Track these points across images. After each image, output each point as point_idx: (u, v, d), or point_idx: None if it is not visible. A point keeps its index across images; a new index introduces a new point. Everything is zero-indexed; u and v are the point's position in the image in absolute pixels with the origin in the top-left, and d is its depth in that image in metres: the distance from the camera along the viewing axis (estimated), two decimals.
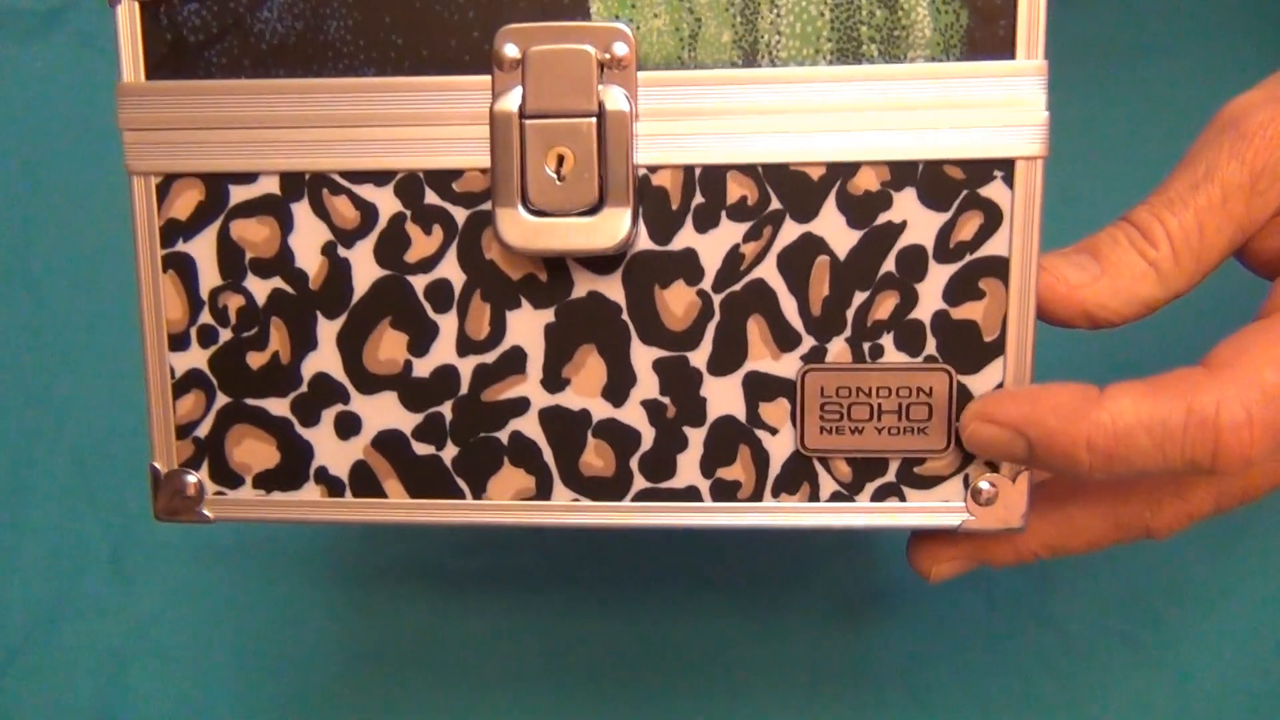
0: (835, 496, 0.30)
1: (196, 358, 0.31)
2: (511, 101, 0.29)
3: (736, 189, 0.29)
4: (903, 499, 0.30)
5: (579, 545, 0.48)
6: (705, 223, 0.29)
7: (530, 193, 0.29)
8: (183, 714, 0.49)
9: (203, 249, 0.31)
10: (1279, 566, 0.47)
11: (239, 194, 0.30)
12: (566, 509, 0.31)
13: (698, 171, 0.29)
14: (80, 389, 0.54)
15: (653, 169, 0.29)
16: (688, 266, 0.30)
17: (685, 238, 0.29)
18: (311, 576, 0.50)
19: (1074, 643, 0.47)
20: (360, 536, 0.50)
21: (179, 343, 0.31)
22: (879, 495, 0.30)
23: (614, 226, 0.29)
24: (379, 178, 0.30)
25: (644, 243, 0.30)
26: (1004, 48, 0.28)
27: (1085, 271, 0.29)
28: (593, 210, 0.29)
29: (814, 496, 0.30)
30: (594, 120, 0.28)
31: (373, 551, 0.50)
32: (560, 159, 0.29)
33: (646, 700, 0.47)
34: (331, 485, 0.31)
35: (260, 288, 0.31)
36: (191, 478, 0.32)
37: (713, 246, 0.29)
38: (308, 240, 0.30)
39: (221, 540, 0.50)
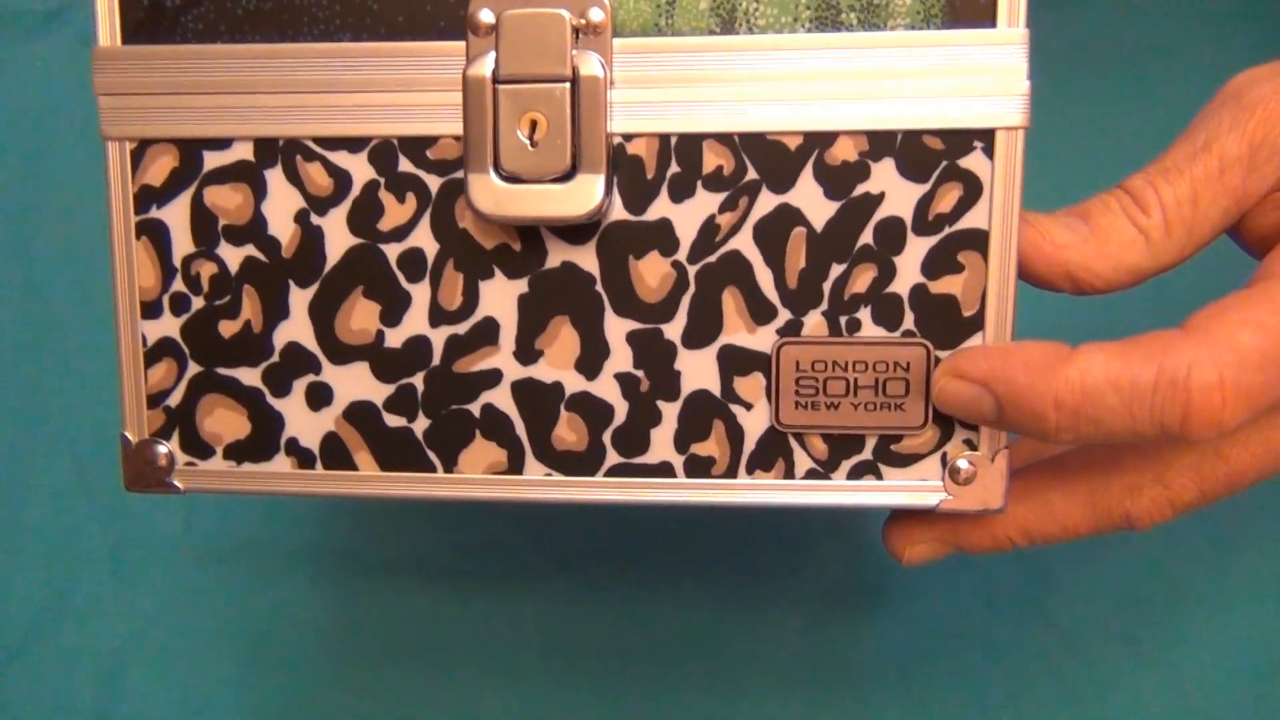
0: (811, 474, 0.30)
1: (169, 326, 0.31)
2: (485, 66, 0.28)
3: (713, 158, 0.29)
4: (879, 477, 0.30)
5: (576, 539, 0.48)
6: (681, 192, 0.29)
7: (503, 158, 0.28)
8: (182, 714, 0.49)
9: (176, 215, 0.30)
10: (1278, 566, 0.46)
11: (213, 160, 0.30)
12: (538, 484, 0.30)
13: (673, 140, 0.29)
14: (80, 389, 0.54)
15: (628, 137, 0.29)
16: (662, 237, 0.29)
17: (660, 208, 0.29)
18: (311, 577, 0.50)
19: (1074, 643, 0.46)
20: (359, 535, 0.49)
21: (151, 310, 0.31)
22: (855, 473, 0.30)
23: (587, 194, 0.28)
24: (352, 144, 0.30)
25: (618, 212, 0.29)
26: (985, 16, 0.28)
27: (1073, 233, 0.28)
28: (566, 177, 0.28)
29: (789, 474, 0.30)
30: (567, 86, 0.28)
31: (372, 551, 0.49)
32: (533, 124, 0.28)
33: (644, 698, 0.47)
34: (302, 457, 0.31)
35: (233, 255, 0.30)
36: (162, 448, 0.31)
37: (688, 217, 0.29)
38: (281, 207, 0.30)
39: (221, 540, 0.50)
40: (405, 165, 0.30)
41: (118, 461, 0.50)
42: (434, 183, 0.30)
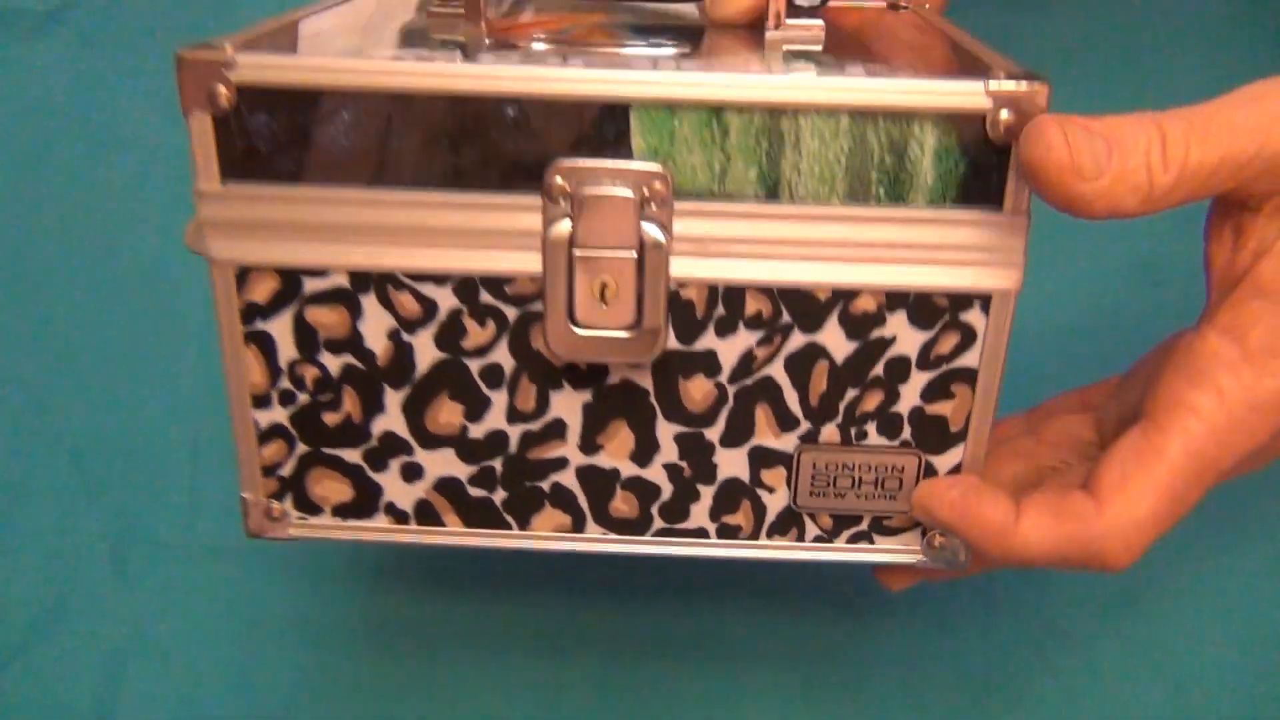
0: (817, 539, 0.37)
1: (278, 415, 0.36)
2: (562, 233, 0.32)
3: (754, 304, 0.34)
4: (871, 543, 0.37)
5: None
6: (725, 330, 0.34)
7: (576, 312, 0.33)
8: (182, 714, 0.48)
9: (280, 328, 0.35)
10: (1277, 567, 0.48)
11: (312, 285, 0.34)
12: (597, 540, 0.37)
13: (721, 289, 0.33)
14: (80, 389, 0.54)
15: (683, 284, 0.33)
16: (708, 363, 0.35)
17: (707, 341, 0.34)
18: (311, 577, 0.50)
19: (1074, 643, 0.47)
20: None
21: (262, 402, 0.36)
22: (853, 540, 0.37)
23: (648, 343, 0.33)
24: (438, 278, 0.34)
25: (671, 342, 0.34)
26: (994, 200, 0.32)
27: (1096, 165, 0.30)
28: (630, 327, 0.33)
29: (800, 538, 0.37)
30: (634, 254, 0.32)
31: (372, 551, 0.50)
32: (604, 286, 0.33)
33: (643, 698, 0.48)
34: (398, 517, 0.37)
35: (333, 362, 0.35)
36: (276, 505, 0.37)
37: (730, 349, 0.34)
38: (375, 326, 0.34)
39: (221, 540, 0.51)
40: (486, 297, 0.34)
41: (118, 462, 0.52)
42: (511, 313, 0.34)
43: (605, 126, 0.32)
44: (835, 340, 0.34)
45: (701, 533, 0.37)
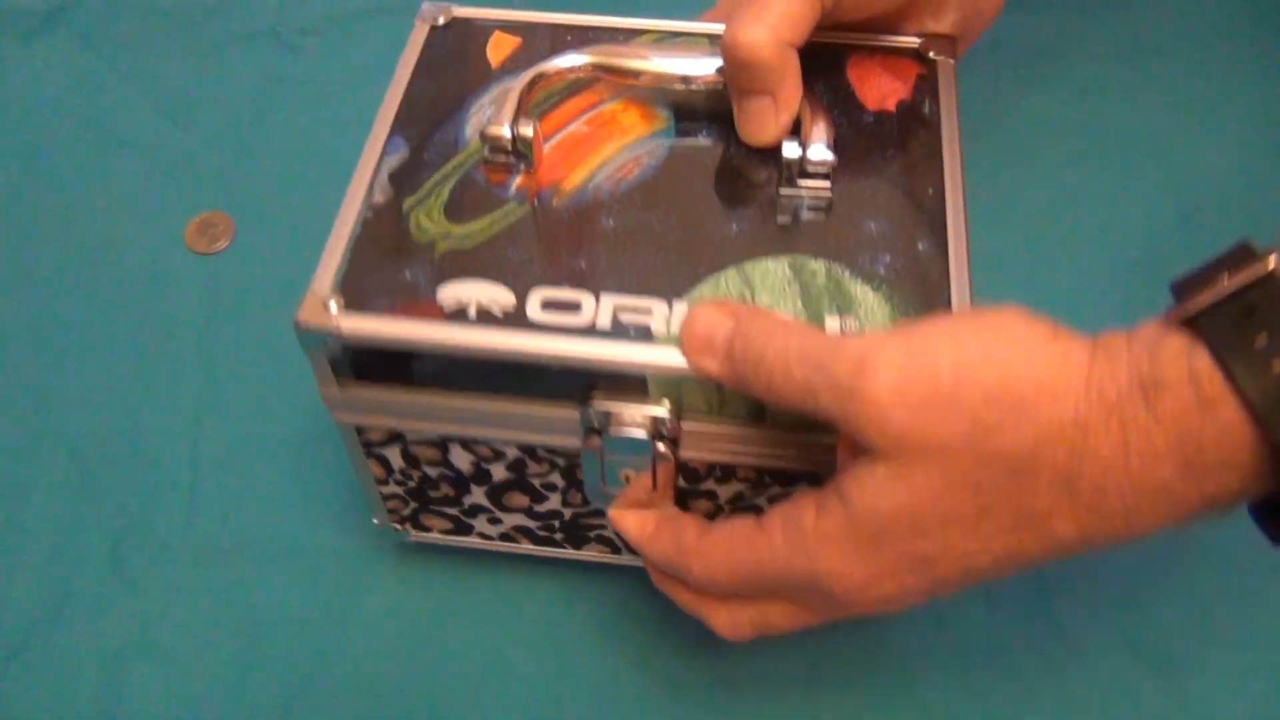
0: None
1: (395, 489, 0.49)
2: (595, 447, 0.42)
3: (744, 472, 0.44)
4: None
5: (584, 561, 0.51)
6: (722, 480, 0.45)
7: (607, 486, 0.44)
8: (183, 714, 0.47)
9: (392, 454, 0.47)
10: (1278, 565, 0.48)
11: (412, 437, 0.45)
12: (630, 561, 0.51)
13: (718, 465, 0.44)
14: (80, 389, 0.54)
15: (689, 459, 0.44)
16: (709, 497, 0.46)
17: (708, 485, 0.45)
18: (311, 576, 0.51)
19: (1074, 643, 0.46)
20: (359, 535, 0.51)
21: (382, 483, 0.49)
22: None
23: (665, 498, 0.45)
24: (505, 441, 0.45)
25: (681, 483, 0.45)
26: None
27: (700, 345, 0.39)
28: (649, 490, 0.44)
29: None
30: (650, 460, 0.43)
31: (372, 554, 0.52)
32: (627, 477, 0.43)
33: (642, 698, 0.48)
34: (487, 538, 0.51)
35: (432, 471, 0.47)
36: (399, 527, 0.52)
37: (726, 490, 0.45)
38: (460, 459, 0.46)
39: (221, 540, 0.51)
40: (543, 452, 0.45)
41: (118, 462, 0.53)
42: (562, 460, 0.45)
43: (629, 378, 0.41)
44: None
45: None
